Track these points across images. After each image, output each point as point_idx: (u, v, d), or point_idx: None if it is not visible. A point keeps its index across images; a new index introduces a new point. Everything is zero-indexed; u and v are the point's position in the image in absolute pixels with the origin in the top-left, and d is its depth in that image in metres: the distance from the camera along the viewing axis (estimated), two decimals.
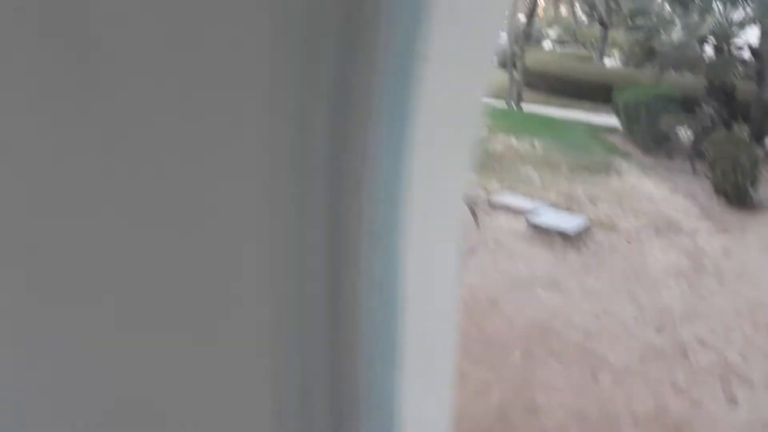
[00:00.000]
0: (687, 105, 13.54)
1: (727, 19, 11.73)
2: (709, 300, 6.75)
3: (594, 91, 18.18)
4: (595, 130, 15.00)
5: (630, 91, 14.85)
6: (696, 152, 12.12)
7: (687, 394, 5.06)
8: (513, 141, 13.10)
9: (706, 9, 12.00)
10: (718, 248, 8.15)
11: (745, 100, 12.90)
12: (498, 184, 9.91)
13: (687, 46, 13.13)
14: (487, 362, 5.26)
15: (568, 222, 8.09)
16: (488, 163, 10.88)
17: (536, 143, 12.97)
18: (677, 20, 13.34)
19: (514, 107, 17.67)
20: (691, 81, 15.41)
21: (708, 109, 12.86)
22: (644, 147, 13.45)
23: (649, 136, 13.48)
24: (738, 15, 11.81)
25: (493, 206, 8.72)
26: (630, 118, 14.60)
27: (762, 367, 5.50)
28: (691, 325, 6.18)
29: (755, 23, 11.84)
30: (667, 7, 13.58)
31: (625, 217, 8.95)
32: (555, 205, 9.10)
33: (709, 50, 12.96)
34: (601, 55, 30.00)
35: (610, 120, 15.34)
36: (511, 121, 15.11)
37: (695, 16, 12.30)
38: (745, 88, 12.68)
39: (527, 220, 8.14)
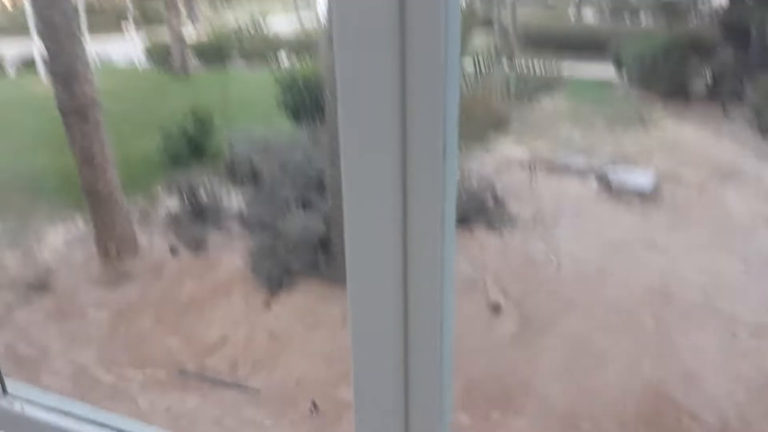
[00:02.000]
0: (699, 52, 13.44)
1: None
2: None
3: (577, 46, 17.93)
4: (599, 84, 14.80)
5: (640, 43, 14.66)
6: (727, 96, 11.98)
7: None
8: None
9: None
10: None
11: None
12: (545, 144, 9.62)
13: None
14: (623, 333, 5.01)
15: (641, 179, 7.85)
16: (524, 123, 10.58)
17: (558, 101, 12.70)
18: None
19: None
20: (695, 29, 15.30)
21: (725, 55, 12.73)
22: (663, 96, 13.27)
23: (668, 84, 13.29)
24: None
25: (553, 168, 8.43)
26: (644, 68, 14.42)
27: None
28: None
29: None
30: None
31: (686, 168, 8.74)
32: (612, 163, 8.85)
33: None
34: (579, 10, 29.78)
35: (601, 73, 15.24)
36: None
37: None
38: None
39: (598, 180, 7.88)
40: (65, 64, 5.17)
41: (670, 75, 13.27)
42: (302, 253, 5.62)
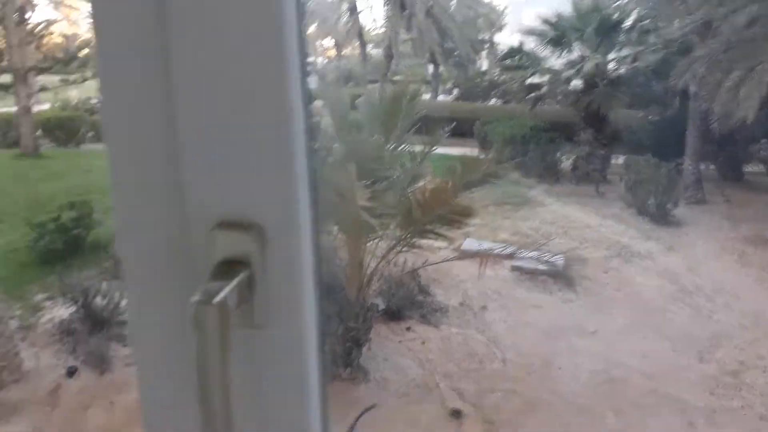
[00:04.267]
0: (563, 134, 14.54)
1: (604, 57, 12.73)
2: (715, 319, 6.93)
3: (436, 126, 18.72)
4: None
5: (505, 125, 15.54)
6: (599, 176, 12.91)
7: None
8: None
9: (589, 47, 12.96)
10: (682, 266, 8.52)
11: (619, 125, 14.14)
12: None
13: (558, 81, 14.07)
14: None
15: (553, 262, 7.94)
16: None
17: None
18: (545, 59, 14.28)
19: None
20: (554, 111, 16.63)
21: (586, 136, 13.84)
22: (535, 175, 14.02)
23: (539, 165, 14.08)
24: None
25: (465, 254, 8.30)
26: (512, 149, 15.23)
27: None
28: (721, 348, 6.24)
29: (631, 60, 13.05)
30: (534, 46, 14.40)
31: (585, 248, 9.05)
32: (511, 244, 8.95)
33: (579, 83, 13.98)
34: (436, 91, 31.59)
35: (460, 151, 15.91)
36: None
37: (575, 54, 13.23)
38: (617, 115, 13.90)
39: (512, 265, 7.86)
40: None
41: (541, 156, 14.07)
42: None
